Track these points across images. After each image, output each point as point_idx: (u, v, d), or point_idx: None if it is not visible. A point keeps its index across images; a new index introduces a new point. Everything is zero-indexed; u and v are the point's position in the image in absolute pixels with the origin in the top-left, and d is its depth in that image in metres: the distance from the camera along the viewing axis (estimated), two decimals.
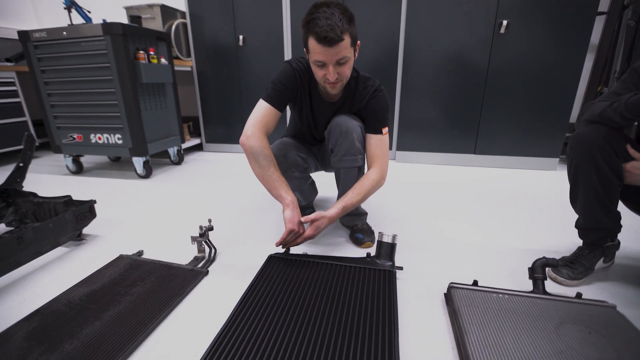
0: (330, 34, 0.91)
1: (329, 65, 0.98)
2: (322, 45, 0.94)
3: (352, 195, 1.12)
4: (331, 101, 1.19)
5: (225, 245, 1.28)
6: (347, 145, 1.13)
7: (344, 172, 1.20)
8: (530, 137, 2.29)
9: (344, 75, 1.03)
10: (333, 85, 1.05)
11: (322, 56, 0.96)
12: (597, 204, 0.96)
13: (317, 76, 1.05)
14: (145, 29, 2.13)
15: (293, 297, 0.92)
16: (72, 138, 2.23)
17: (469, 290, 0.94)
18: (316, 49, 0.95)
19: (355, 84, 1.16)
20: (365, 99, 1.16)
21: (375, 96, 1.15)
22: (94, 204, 1.34)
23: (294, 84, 1.13)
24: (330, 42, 0.92)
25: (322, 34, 0.91)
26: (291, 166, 1.24)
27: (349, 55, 0.99)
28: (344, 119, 1.14)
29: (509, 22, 2.11)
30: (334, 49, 0.94)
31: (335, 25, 0.91)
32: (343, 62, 0.99)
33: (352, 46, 0.99)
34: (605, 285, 1.02)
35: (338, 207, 1.10)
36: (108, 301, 0.92)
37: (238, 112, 2.86)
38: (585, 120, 0.96)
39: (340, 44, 0.94)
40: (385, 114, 1.17)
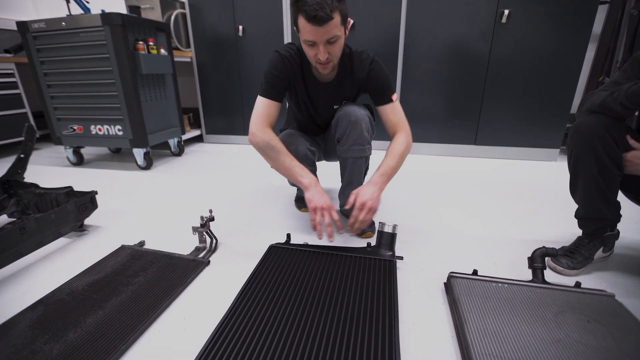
0: (320, 13, 0.89)
1: (319, 45, 0.97)
2: (311, 25, 0.92)
3: (389, 161, 1.10)
4: (326, 81, 1.18)
5: (226, 236, 1.29)
6: (355, 135, 1.14)
7: (351, 162, 1.20)
8: (531, 127, 2.28)
9: (334, 55, 1.02)
10: (324, 66, 1.04)
11: (312, 35, 0.95)
12: (597, 193, 0.96)
13: (308, 56, 1.05)
14: (144, 20, 2.11)
15: (294, 287, 0.93)
16: (72, 129, 2.22)
17: (468, 280, 0.94)
18: (306, 28, 0.94)
19: (350, 60, 1.15)
20: (365, 72, 1.15)
21: (373, 68, 1.14)
22: (95, 194, 1.35)
23: (285, 71, 1.13)
24: (320, 21, 0.91)
25: (311, 13, 0.89)
26: (302, 161, 1.23)
27: (339, 34, 0.98)
28: (353, 109, 1.14)
29: (510, 12, 2.08)
30: (323, 28, 0.93)
31: (325, 4, 0.89)
32: (333, 41, 0.98)
33: (342, 24, 0.98)
34: (604, 275, 1.03)
35: (380, 176, 1.08)
36: (110, 291, 0.93)
37: (238, 103, 2.85)
38: (586, 110, 0.95)
39: (330, 23, 0.92)
40: (388, 81, 1.16)
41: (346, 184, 1.28)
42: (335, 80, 1.18)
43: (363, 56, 1.14)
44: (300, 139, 1.27)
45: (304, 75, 1.18)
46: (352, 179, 1.25)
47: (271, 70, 1.12)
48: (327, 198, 1.07)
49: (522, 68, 2.18)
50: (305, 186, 1.08)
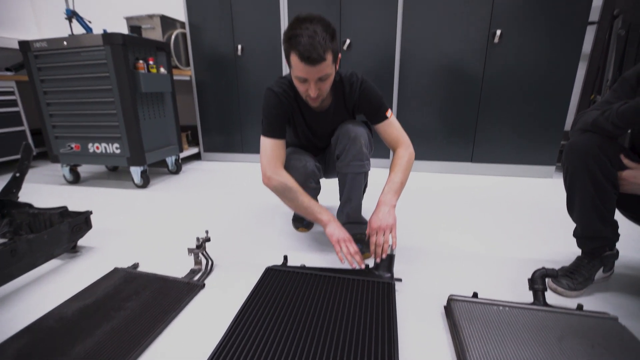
0: (313, 54, 0.91)
1: (311, 82, 0.99)
2: (304, 64, 0.94)
3: (395, 177, 1.12)
4: (323, 110, 1.20)
5: (222, 257, 1.27)
6: (355, 151, 1.15)
7: (350, 178, 1.21)
8: (527, 144, 2.30)
9: (324, 90, 1.05)
10: (314, 100, 1.07)
11: (304, 73, 0.97)
12: (594, 212, 0.95)
13: (299, 90, 1.07)
14: (144, 39, 2.14)
15: (291, 310, 0.91)
16: (70, 147, 2.22)
17: (468, 303, 0.92)
18: (298, 66, 0.96)
19: (341, 86, 1.17)
20: (356, 95, 1.17)
21: (364, 89, 1.16)
22: (90, 214, 1.33)
23: (282, 108, 1.15)
24: (312, 62, 0.93)
25: (305, 54, 0.91)
26: (309, 177, 1.24)
27: (330, 72, 1.00)
28: (352, 126, 1.16)
29: (502, 32, 2.13)
30: (316, 68, 0.95)
31: (318, 45, 0.91)
32: (324, 79, 1.00)
33: (333, 63, 1.00)
34: (606, 296, 1.01)
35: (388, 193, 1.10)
36: (101, 316, 0.91)
37: (237, 121, 2.86)
38: (579, 129, 0.96)
39: (322, 63, 0.95)
40: (380, 99, 1.17)
41: (345, 201, 1.28)
42: (331, 107, 1.20)
43: (352, 79, 1.16)
44: (308, 155, 1.28)
45: (300, 108, 1.20)
46: (351, 195, 1.25)
47: (270, 110, 1.13)
48: (346, 232, 1.12)
49: (516, 86, 2.21)
50: (325, 223, 1.12)
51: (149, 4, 3.14)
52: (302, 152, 1.28)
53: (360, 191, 1.26)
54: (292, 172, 1.20)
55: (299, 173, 1.22)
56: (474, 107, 2.31)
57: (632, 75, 0.91)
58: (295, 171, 1.22)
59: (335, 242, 1.09)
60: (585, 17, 2.02)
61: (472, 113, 2.33)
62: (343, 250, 1.07)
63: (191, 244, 1.33)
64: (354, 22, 2.38)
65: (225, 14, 2.61)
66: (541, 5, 2.05)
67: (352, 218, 1.30)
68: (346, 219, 1.31)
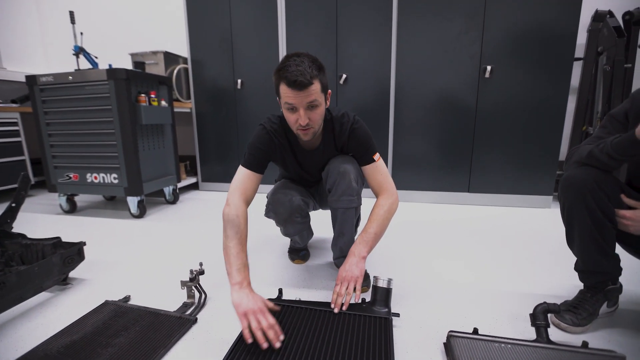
0: (300, 78, 0.95)
1: (300, 109, 1.00)
2: (292, 89, 0.97)
3: (371, 228, 1.11)
4: (313, 148, 1.21)
5: (216, 290, 1.24)
6: (344, 185, 1.14)
7: (341, 212, 1.20)
8: (523, 175, 2.32)
9: (314, 122, 1.04)
10: (305, 132, 1.05)
11: (293, 99, 0.99)
12: (594, 246, 0.94)
13: (289, 122, 1.07)
14: (147, 74, 2.22)
15: (285, 346, 0.87)
16: (68, 177, 2.23)
17: (469, 339, 0.89)
18: (287, 92, 0.99)
19: (331, 125, 1.18)
20: (346, 135, 1.17)
21: (354, 129, 1.16)
22: (83, 245, 1.31)
23: (270, 145, 1.16)
24: (300, 86, 0.96)
25: (292, 78, 0.95)
26: (295, 211, 1.24)
27: (320, 101, 1.02)
28: (341, 161, 1.16)
29: (492, 68, 2.22)
30: (304, 93, 0.97)
31: (305, 71, 0.95)
32: (313, 107, 1.01)
33: (322, 92, 1.03)
34: (612, 333, 0.98)
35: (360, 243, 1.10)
36: (88, 354, 0.87)
37: (235, 152, 2.90)
38: (575, 162, 0.97)
39: (310, 88, 0.97)
40: (369, 141, 1.17)
41: (338, 235, 1.26)
42: (321, 145, 1.20)
43: (344, 120, 1.17)
44: (295, 190, 1.28)
45: (291, 146, 1.21)
46: (343, 230, 1.24)
47: (256, 144, 1.15)
48: (258, 300, 0.93)
49: (509, 118, 2.27)
50: (232, 284, 0.96)
51: (154, 41, 3.29)
52: (291, 187, 1.29)
53: (352, 225, 1.25)
54: (278, 207, 1.20)
55: (284, 208, 1.22)
56: (469, 138, 2.36)
57: (620, 112, 0.94)
58: (281, 205, 1.22)
59: (241, 315, 0.88)
60: (571, 54, 2.12)
61: (467, 144, 2.37)
62: (252, 325, 0.86)
63: (185, 276, 1.30)
64: (349, 57, 2.49)
65: (226, 50, 2.72)
66: (528, 44, 2.15)
67: (345, 252, 1.28)
68: (340, 253, 1.29)
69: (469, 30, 2.22)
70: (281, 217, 1.25)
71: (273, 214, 1.27)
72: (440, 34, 2.27)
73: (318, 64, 1.00)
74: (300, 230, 1.35)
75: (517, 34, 2.16)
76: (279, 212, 1.24)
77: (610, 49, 2.20)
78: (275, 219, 1.29)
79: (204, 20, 2.73)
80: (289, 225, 1.29)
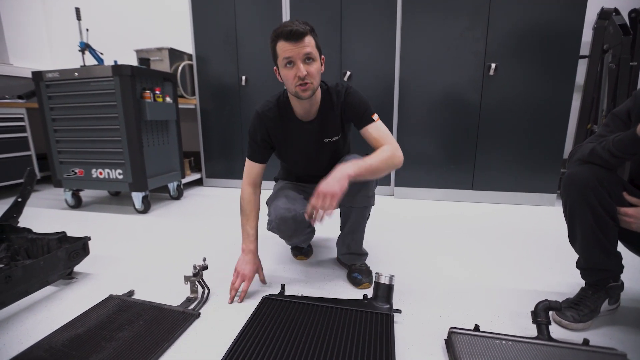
0: (295, 28, 0.98)
1: (298, 62, 1.01)
2: (288, 42, 0.99)
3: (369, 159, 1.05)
4: (310, 119, 1.18)
5: (219, 285, 1.25)
6: (361, 185, 1.13)
7: (356, 212, 1.20)
8: (527, 172, 2.31)
9: (312, 75, 1.03)
10: (304, 88, 1.04)
11: (290, 52, 1.00)
12: (596, 244, 0.94)
13: (288, 80, 1.05)
14: (152, 71, 2.23)
15: (287, 341, 0.88)
16: (73, 173, 2.25)
17: (470, 336, 0.89)
18: (283, 47, 1.01)
19: (328, 95, 1.18)
20: (342, 101, 1.17)
21: (348, 94, 1.17)
22: (88, 240, 1.33)
23: (264, 127, 1.19)
24: (295, 36, 0.98)
25: (286, 32, 0.98)
26: (299, 226, 1.17)
27: (315, 55, 1.03)
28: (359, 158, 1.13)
29: (497, 65, 2.21)
30: (300, 44, 0.99)
31: (299, 25, 0.99)
32: (310, 60, 1.02)
33: (317, 49, 1.04)
34: (613, 331, 0.98)
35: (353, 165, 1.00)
36: (92, 347, 0.88)
37: (239, 148, 2.91)
38: (577, 160, 0.97)
39: (305, 39, 0.99)
40: (366, 103, 1.16)
41: (348, 232, 1.26)
42: (320, 115, 1.18)
43: (338, 88, 1.18)
44: (297, 199, 1.22)
45: (289, 120, 1.19)
46: (354, 228, 1.24)
47: (251, 133, 1.22)
48: (253, 268, 1.19)
49: (513, 115, 2.26)
50: (242, 249, 1.23)
51: (159, 38, 3.30)
52: (292, 196, 1.22)
53: (364, 225, 1.25)
54: (281, 224, 1.15)
55: (288, 225, 1.15)
56: (473, 136, 2.35)
57: (622, 110, 0.94)
58: (284, 223, 1.15)
59: (234, 272, 1.17)
60: (577, 51, 2.10)
61: (472, 141, 2.36)
62: (236, 284, 1.15)
63: (188, 271, 1.31)
64: (354, 55, 2.48)
65: (231, 47, 2.73)
66: (533, 41, 2.13)
67: (353, 249, 1.29)
68: (347, 250, 1.29)
69: (473, 28, 2.21)
70: (286, 234, 1.19)
71: (277, 231, 1.20)
72: (444, 31, 2.26)
73: (310, 26, 1.03)
74: (307, 239, 1.28)
75: (521, 31, 2.14)
76: (283, 229, 1.18)
77: (616, 46, 2.18)
78: (279, 235, 1.21)
79: (209, 17, 2.74)
80: (295, 239, 1.24)
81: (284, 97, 1.19)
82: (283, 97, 1.19)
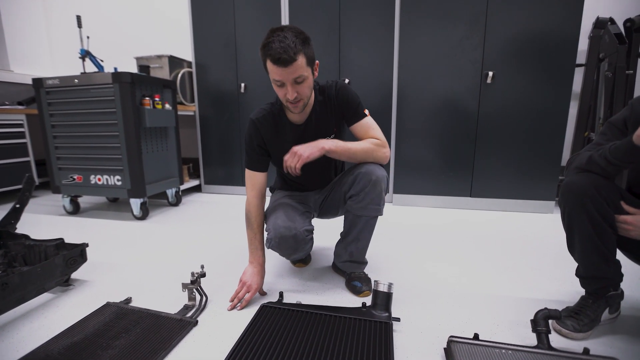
0: (284, 56, 0.96)
1: (287, 85, 1.02)
2: (277, 66, 0.99)
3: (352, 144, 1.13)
4: (303, 121, 1.20)
5: (217, 292, 1.24)
6: (375, 194, 1.13)
7: (364, 220, 1.19)
8: (525, 180, 2.32)
9: (303, 94, 1.06)
10: (294, 105, 1.07)
11: (279, 76, 1.01)
12: (595, 252, 0.94)
13: (279, 96, 1.09)
14: (152, 78, 2.24)
15: (285, 349, 0.88)
16: (72, 179, 2.25)
17: (470, 345, 0.89)
18: (273, 70, 1.01)
19: (322, 94, 1.19)
20: (334, 98, 1.18)
21: (339, 89, 1.18)
22: (85, 247, 1.32)
23: (259, 133, 1.20)
24: (284, 63, 0.97)
25: (276, 56, 0.97)
26: (300, 243, 1.17)
27: (306, 74, 1.03)
28: (374, 167, 1.13)
29: (494, 73, 2.23)
30: (289, 69, 0.99)
31: (289, 47, 0.96)
32: (300, 81, 1.03)
33: (308, 65, 1.03)
34: (613, 340, 0.97)
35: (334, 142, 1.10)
36: (88, 355, 0.87)
37: (237, 155, 2.92)
38: (575, 168, 0.98)
39: (294, 64, 0.98)
40: (356, 99, 1.18)
41: (352, 240, 1.24)
42: (312, 116, 1.19)
43: (330, 84, 1.20)
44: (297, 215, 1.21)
45: (280, 124, 1.20)
46: (360, 236, 1.23)
47: (247, 142, 1.22)
48: (260, 281, 1.20)
49: (511, 123, 2.28)
50: (250, 262, 1.22)
51: (159, 45, 3.33)
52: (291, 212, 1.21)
53: (371, 233, 1.24)
54: (282, 243, 1.15)
55: (288, 244, 1.15)
56: (471, 143, 2.36)
57: (619, 119, 0.95)
58: (284, 242, 1.15)
59: (240, 281, 1.18)
60: (573, 60, 2.12)
61: (469, 148, 2.37)
62: (240, 293, 1.16)
63: (186, 278, 1.31)
64: (352, 61, 2.50)
65: (230, 54, 2.75)
66: (530, 50, 2.16)
67: (355, 257, 1.27)
68: (348, 258, 1.28)
69: (470, 36, 2.24)
70: (286, 253, 1.20)
71: (277, 249, 1.19)
72: (442, 39, 2.29)
73: (302, 37, 1.00)
74: (307, 252, 1.27)
75: (519, 39, 2.17)
76: (283, 248, 1.17)
77: (612, 55, 2.21)
78: (279, 253, 1.21)
79: (209, 25, 2.76)
80: (295, 255, 1.24)
81: (277, 103, 1.20)
82: (277, 103, 1.20)
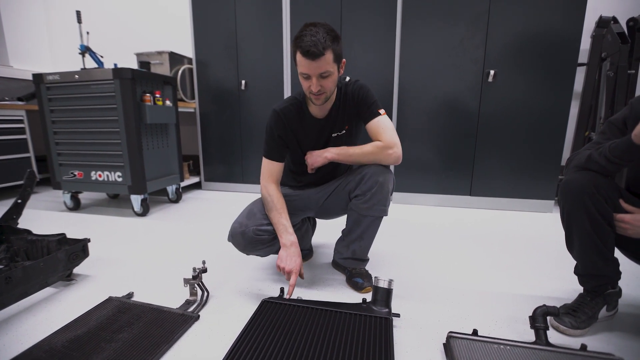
0: (313, 49, 0.99)
1: (313, 78, 1.05)
2: (305, 59, 1.01)
3: (355, 147, 1.19)
4: (323, 116, 1.23)
5: (218, 288, 1.25)
6: (381, 195, 1.15)
7: (369, 220, 1.20)
8: (525, 179, 2.33)
9: (327, 88, 1.09)
10: (317, 97, 1.10)
11: (306, 69, 1.04)
12: (594, 250, 0.95)
13: (303, 88, 1.12)
14: (152, 74, 2.24)
15: (286, 345, 0.89)
16: (72, 175, 2.25)
17: (468, 341, 0.90)
18: (301, 62, 1.04)
19: (344, 92, 1.23)
20: (350, 95, 1.21)
21: (356, 88, 1.21)
22: (87, 242, 1.33)
23: (281, 123, 1.21)
24: (312, 56, 1.00)
25: (305, 49, 1.00)
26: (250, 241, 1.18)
27: (332, 70, 1.06)
28: (381, 169, 1.16)
29: (496, 72, 2.23)
30: (316, 63, 1.01)
31: (319, 42, 0.99)
32: (325, 76, 1.06)
33: (335, 62, 1.06)
34: (610, 336, 0.99)
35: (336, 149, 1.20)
36: (92, 348, 0.88)
37: (238, 152, 2.92)
38: (574, 167, 0.98)
39: (322, 59, 1.01)
40: (372, 96, 1.21)
41: (355, 238, 1.25)
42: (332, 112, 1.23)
43: (350, 82, 1.24)
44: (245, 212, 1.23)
45: (302, 116, 1.23)
46: (364, 235, 1.24)
47: (268, 132, 1.23)
48: (299, 260, 1.15)
49: (512, 122, 2.28)
50: (282, 244, 1.16)
51: (159, 41, 3.32)
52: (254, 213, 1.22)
53: (375, 233, 1.25)
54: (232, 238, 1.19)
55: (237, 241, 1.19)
56: (472, 142, 2.37)
57: (618, 118, 0.96)
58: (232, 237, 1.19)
59: (280, 269, 1.14)
60: (575, 59, 2.12)
61: (470, 148, 2.38)
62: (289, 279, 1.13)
63: (188, 273, 1.32)
64: (354, 61, 2.50)
65: (231, 51, 2.75)
66: (531, 49, 2.16)
67: (358, 255, 1.28)
68: (351, 255, 1.29)
69: (472, 35, 2.24)
70: (239, 248, 1.22)
71: (233, 244, 1.22)
72: (443, 38, 2.29)
73: (333, 35, 1.04)
74: (269, 252, 1.26)
75: (520, 39, 2.17)
76: (235, 243, 1.21)
77: (614, 54, 2.21)
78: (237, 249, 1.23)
79: (210, 22, 2.76)
80: (249, 252, 1.24)
81: (300, 96, 1.22)
82: (300, 96, 1.22)
